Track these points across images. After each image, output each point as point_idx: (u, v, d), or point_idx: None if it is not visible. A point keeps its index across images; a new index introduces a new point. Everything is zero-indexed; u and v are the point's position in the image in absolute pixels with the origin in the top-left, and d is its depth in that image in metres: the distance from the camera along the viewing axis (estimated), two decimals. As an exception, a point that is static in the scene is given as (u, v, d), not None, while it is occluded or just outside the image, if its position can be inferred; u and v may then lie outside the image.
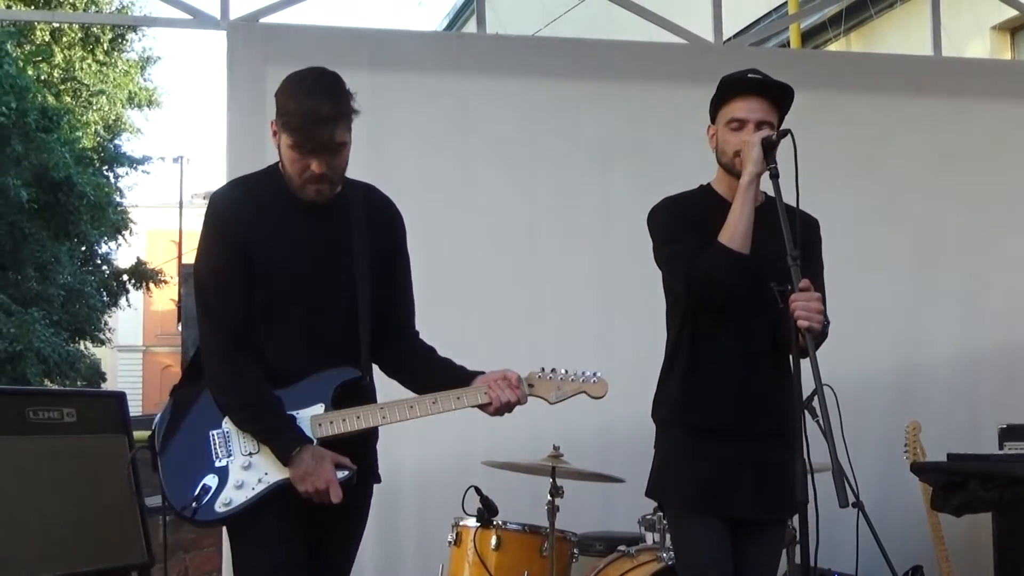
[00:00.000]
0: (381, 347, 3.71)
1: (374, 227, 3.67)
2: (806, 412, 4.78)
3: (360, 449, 3.61)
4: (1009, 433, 5.89)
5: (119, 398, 4.80)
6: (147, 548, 4.54)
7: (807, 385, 4.98)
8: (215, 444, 3.48)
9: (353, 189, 3.69)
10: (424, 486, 6.14)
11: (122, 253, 29.99)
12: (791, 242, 3.54)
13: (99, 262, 28.18)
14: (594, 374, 3.71)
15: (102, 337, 28.38)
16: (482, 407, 3.59)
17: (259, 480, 3.43)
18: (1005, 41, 10.28)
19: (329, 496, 3.38)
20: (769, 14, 11.51)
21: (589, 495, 5.88)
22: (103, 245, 27.39)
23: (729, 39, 7.55)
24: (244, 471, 3.44)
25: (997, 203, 6.94)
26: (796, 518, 4.92)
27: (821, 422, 3.44)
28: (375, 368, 3.78)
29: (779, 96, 3.92)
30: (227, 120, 6.10)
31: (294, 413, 3.49)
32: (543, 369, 3.69)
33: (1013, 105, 6.99)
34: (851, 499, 4.07)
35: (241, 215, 3.53)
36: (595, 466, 5.36)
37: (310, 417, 3.49)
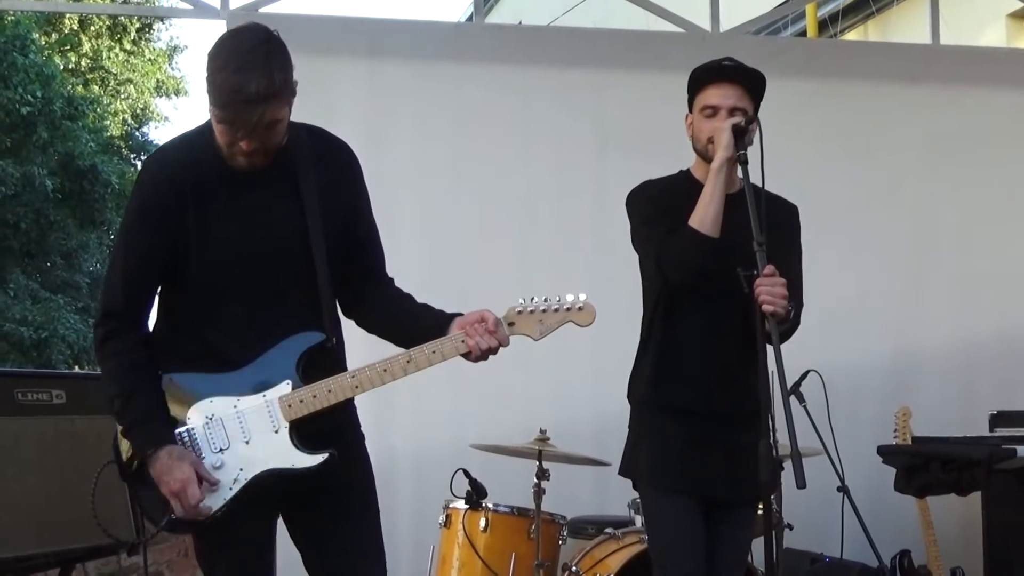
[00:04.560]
0: (354, 302, 3.46)
1: (326, 175, 3.30)
2: (792, 397, 4.85)
3: (339, 412, 3.32)
4: (999, 419, 5.91)
5: (108, 380, 4.85)
6: (135, 526, 4.60)
7: (799, 371, 5.07)
8: (183, 445, 3.19)
9: (297, 136, 3.27)
10: (420, 468, 6.22)
11: (150, 241, 29.95)
12: (757, 227, 3.60)
13: (127, 250, 28.16)
14: (578, 299, 3.36)
15: (130, 323, 28.40)
16: (464, 356, 3.29)
17: (235, 480, 3.18)
18: (1022, 28, 10.17)
19: (187, 497, 3.09)
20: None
21: (584, 479, 5.96)
22: (130, 233, 27.40)
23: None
24: (217, 471, 3.18)
25: (993, 190, 6.97)
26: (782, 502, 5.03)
27: (783, 406, 3.47)
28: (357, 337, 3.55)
29: (753, 83, 3.96)
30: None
31: (262, 395, 3.20)
32: (523, 300, 3.36)
33: (1011, 92, 7.01)
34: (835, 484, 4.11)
35: (171, 189, 3.18)
36: (590, 451, 5.42)
37: (277, 399, 3.20)
